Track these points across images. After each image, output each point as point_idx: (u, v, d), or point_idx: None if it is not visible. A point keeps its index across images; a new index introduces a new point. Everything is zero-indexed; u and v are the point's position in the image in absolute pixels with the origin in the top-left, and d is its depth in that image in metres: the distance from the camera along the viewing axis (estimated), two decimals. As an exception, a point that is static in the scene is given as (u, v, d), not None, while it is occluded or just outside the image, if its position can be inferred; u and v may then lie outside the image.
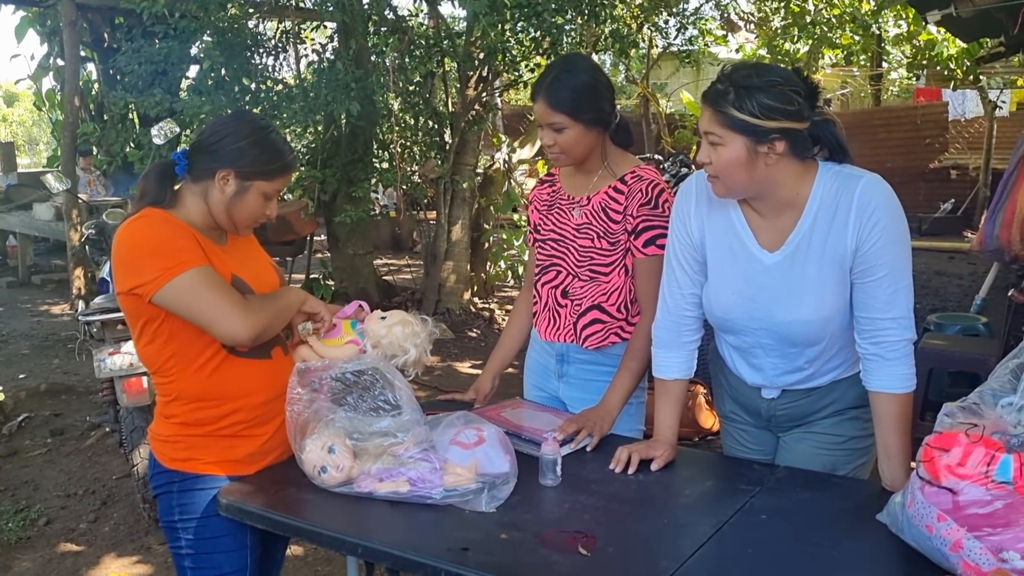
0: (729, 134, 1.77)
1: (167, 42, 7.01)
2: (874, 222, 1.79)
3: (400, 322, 2.06)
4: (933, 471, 1.51)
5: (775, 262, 1.90)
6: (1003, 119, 14.77)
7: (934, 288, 8.64)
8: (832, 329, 1.91)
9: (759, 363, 2.03)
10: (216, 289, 1.81)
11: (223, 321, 1.80)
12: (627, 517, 1.77)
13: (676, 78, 16.85)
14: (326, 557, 3.45)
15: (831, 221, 1.83)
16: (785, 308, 1.90)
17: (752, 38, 14.40)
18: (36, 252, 10.74)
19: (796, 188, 1.85)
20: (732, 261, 1.95)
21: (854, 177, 1.83)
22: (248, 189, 1.91)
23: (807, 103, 1.78)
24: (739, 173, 1.80)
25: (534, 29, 6.76)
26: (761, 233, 1.92)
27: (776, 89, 1.74)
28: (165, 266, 1.78)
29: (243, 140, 1.89)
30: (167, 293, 1.79)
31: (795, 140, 1.78)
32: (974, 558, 1.43)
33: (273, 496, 1.87)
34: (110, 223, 4.96)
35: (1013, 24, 5.40)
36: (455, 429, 1.93)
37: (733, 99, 1.75)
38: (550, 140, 2.21)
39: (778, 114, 1.74)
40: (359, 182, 7.29)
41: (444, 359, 6.60)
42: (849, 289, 1.87)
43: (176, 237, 1.83)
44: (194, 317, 1.82)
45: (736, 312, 1.97)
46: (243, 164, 1.89)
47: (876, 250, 1.80)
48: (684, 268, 2.04)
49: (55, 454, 4.69)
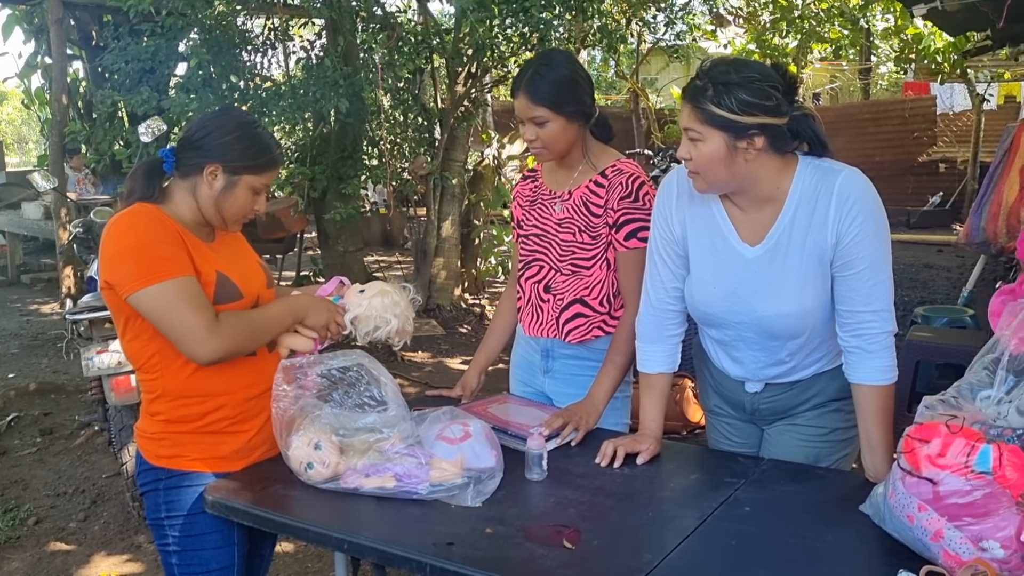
0: (708, 130, 1.78)
1: (154, 40, 6.99)
2: (854, 216, 1.80)
3: (379, 293, 2.05)
4: (914, 461, 1.52)
5: (756, 256, 1.91)
6: (991, 112, 14.84)
7: (922, 281, 8.68)
8: (813, 322, 1.92)
9: (741, 356, 2.05)
10: (188, 304, 1.78)
11: (187, 339, 1.79)
12: (612, 511, 1.78)
13: (666, 73, 16.90)
14: (316, 554, 3.46)
15: (811, 215, 1.84)
16: (766, 301, 1.91)
17: (741, 33, 14.44)
18: (25, 251, 10.69)
19: (776, 183, 1.86)
20: (713, 255, 1.96)
21: (833, 171, 1.84)
22: (236, 184, 1.91)
23: (785, 98, 1.79)
24: (719, 169, 1.81)
25: (522, 25, 6.75)
26: (742, 227, 1.93)
27: (754, 85, 1.75)
28: (143, 272, 1.78)
29: (230, 135, 1.90)
30: (140, 299, 1.79)
31: (774, 135, 1.79)
32: (954, 547, 1.45)
33: (259, 493, 1.87)
34: (98, 221, 4.94)
35: (999, 17, 5.42)
36: (441, 424, 1.93)
37: (712, 95, 1.76)
38: (532, 135, 2.22)
39: (756, 110, 1.75)
40: (349, 179, 7.28)
41: (435, 355, 6.60)
42: (830, 282, 1.88)
43: (162, 242, 1.82)
44: (163, 330, 1.81)
45: (718, 306, 1.98)
46: (231, 158, 1.89)
47: (856, 244, 1.81)
48: (666, 262, 2.05)
49: (44, 453, 4.68)
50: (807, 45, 14.80)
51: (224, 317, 1.84)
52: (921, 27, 12.79)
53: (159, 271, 1.78)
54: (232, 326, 1.84)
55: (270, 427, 1.94)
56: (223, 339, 1.81)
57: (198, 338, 1.79)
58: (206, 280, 1.88)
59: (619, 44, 8.05)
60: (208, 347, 1.80)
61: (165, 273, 1.79)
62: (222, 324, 1.82)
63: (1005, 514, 1.41)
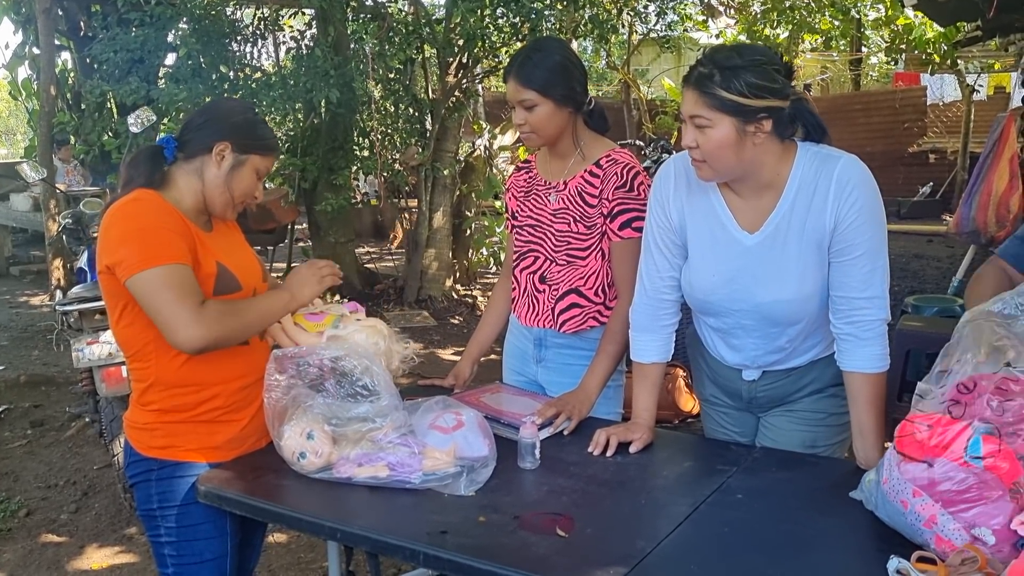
0: (717, 115, 1.77)
1: (143, 30, 6.93)
2: (852, 201, 1.80)
3: (369, 328, 2.03)
4: (910, 447, 1.53)
5: (755, 243, 1.91)
6: (981, 103, 14.88)
7: (912, 271, 8.72)
8: (812, 308, 1.93)
9: (740, 343, 2.05)
10: (177, 291, 1.77)
11: (171, 324, 1.77)
12: (605, 499, 1.78)
13: (657, 64, 16.86)
14: (309, 544, 3.46)
15: (810, 201, 1.84)
16: (766, 288, 1.91)
17: (732, 23, 14.42)
18: (14, 243, 10.66)
19: (777, 169, 1.86)
20: (712, 243, 1.96)
21: (833, 157, 1.85)
22: (244, 163, 1.94)
23: (786, 81, 1.80)
24: (728, 155, 1.80)
25: (513, 15, 6.74)
26: (740, 215, 1.93)
27: (760, 68, 1.75)
28: (146, 255, 1.77)
29: (238, 116, 1.97)
30: (138, 281, 1.77)
31: (779, 119, 1.80)
32: (947, 534, 1.46)
33: (252, 482, 1.87)
34: (88, 213, 4.91)
35: (989, 7, 5.43)
36: (434, 414, 1.93)
37: (719, 80, 1.75)
38: (521, 119, 2.22)
39: (765, 92, 1.75)
40: (340, 170, 7.27)
41: (427, 346, 6.60)
42: (827, 269, 1.89)
43: (166, 228, 1.82)
44: (151, 315, 1.80)
45: (717, 294, 1.98)
46: (240, 136, 1.93)
47: (853, 229, 1.82)
48: (663, 251, 2.05)
49: (35, 445, 4.67)
50: (798, 36, 14.79)
51: (211, 306, 1.82)
52: (912, 17, 12.79)
53: (163, 254, 1.78)
54: (218, 316, 1.82)
55: (262, 416, 1.93)
56: (208, 328, 1.79)
57: (185, 325, 1.77)
58: (207, 271, 1.88)
59: (610, 34, 8.03)
60: (191, 334, 1.77)
61: (168, 257, 1.79)
62: (209, 313, 1.80)
63: (998, 502, 1.42)
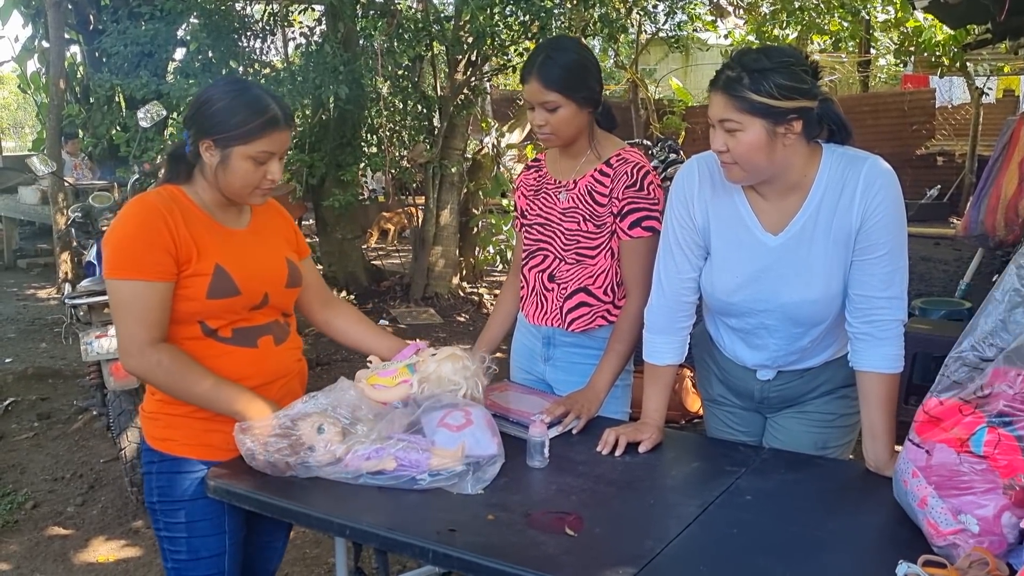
0: (748, 118, 1.76)
1: (153, 24, 6.94)
2: (879, 200, 1.81)
3: (449, 357, 2.04)
4: (918, 431, 1.57)
5: (779, 244, 1.91)
6: (989, 106, 14.87)
7: (920, 273, 8.69)
8: (836, 308, 1.93)
9: (762, 343, 2.04)
10: (136, 313, 1.79)
11: (121, 344, 1.84)
12: (614, 498, 1.78)
13: (665, 64, 16.85)
14: (314, 539, 3.46)
15: (837, 200, 1.85)
16: (792, 288, 1.91)
17: (741, 24, 14.39)
18: (22, 236, 10.68)
19: (804, 170, 1.87)
20: (736, 244, 1.96)
21: (860, 158, 1.85)
22: (229, 157, 1.84)
23: (813, 81, 1.80)
24: (759, 157, 1.80)
25: (523, 13, 6.73)
26: (764, 216, 1.93)
27: (789, 69, 1.75)
28: (118, 263, 1.80)
29: (216, 105, 1.83)
30: (108, 286, 1.84)
31: (808, 119, 1.79)
32: (935, 516, 1.49)
33: (261, 478, 1.86)
34: (96, 206, 4.91)
35: (1000, 10, 5.41)
36: (443, 411, 1.93)
37: (749, 83, 1.75)
38: (542, 120, 2.20)
39: (795, 93, 1.75)
40: (347, 166, 7.26)
41: (432, 344, 6.57)
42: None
43: (144, 240, 1.79)
44: (113, 322, 1.86)
45: (740, 294, 1.97)
46: (219, 131, 1.82)
47: (879, 228, 1.82)
48: (684, 252, 2.03)
49: (42, 438, 4.68)
50: (807, 37, 14.75)
51: (164, 354, 1.82)
52: (921, 20, 12.75)
53: (131, 267, 1.79)
54: (165, 369, 1.82)
55: None
56: (146, 371, 1.84)
57: (127, 349, 1.82)
58: (202, 272, 1.85)
59: (619, 33, 8.02)
60: (130, 363, 1.84)
61: (135, 272, 1.79)
62: (158, 357, 1.81)
63: (988, 494, 1.43)
